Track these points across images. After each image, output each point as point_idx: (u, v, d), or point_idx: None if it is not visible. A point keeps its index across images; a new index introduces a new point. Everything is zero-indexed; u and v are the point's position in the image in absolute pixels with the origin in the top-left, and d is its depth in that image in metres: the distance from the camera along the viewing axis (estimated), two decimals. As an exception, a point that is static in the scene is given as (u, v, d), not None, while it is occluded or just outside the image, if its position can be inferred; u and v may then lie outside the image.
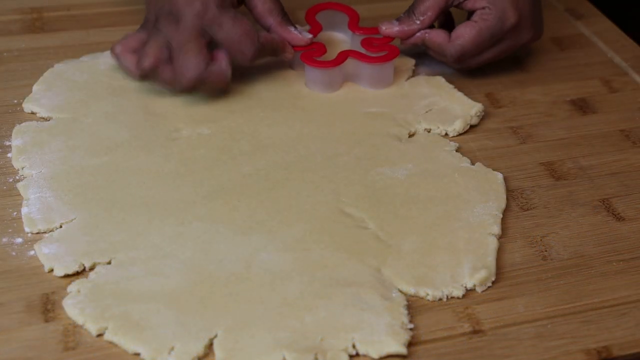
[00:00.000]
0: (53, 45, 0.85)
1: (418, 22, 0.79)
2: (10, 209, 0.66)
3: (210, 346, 0.56)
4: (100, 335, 0.57)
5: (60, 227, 0.64)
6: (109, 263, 0.61)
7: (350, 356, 0.56)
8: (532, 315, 0.60)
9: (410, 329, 0.58)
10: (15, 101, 0.77)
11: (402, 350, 0.56)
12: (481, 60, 0.81)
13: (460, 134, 0.76)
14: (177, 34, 0.73)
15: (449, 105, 0.78)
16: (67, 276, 0.60)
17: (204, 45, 0.73)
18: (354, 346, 0.56)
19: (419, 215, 0.66)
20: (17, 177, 0.69)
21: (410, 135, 0.75)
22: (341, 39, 0.85)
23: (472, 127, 0.77)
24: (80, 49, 0.84)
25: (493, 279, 0.62)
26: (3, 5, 0.90)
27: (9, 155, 0.71)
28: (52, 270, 0.61)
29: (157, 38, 0.74)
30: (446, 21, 0.83)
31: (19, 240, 0.63)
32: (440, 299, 0.61)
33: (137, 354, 0.56)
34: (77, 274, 0.61)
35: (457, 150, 0.74)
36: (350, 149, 0.73)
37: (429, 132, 0.76)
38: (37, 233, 0.64)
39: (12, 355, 0.55)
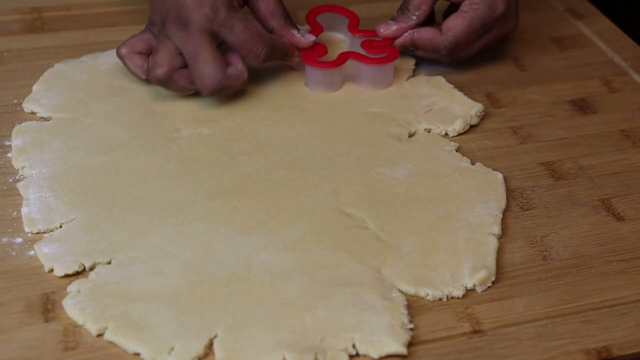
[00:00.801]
0: (53, 45, 0.85)
1: (414, 17, 0.79)
2: (10, 209, 0.66)
3: (210, 346, 0.56)
4: (100, 335, 0.57)
5: (60, 227, 0.64)
6: (109, 263, 0.61)
7: (350, 356, 0.56)
8: (532, 315, 0.60)
9: (410, 329, 0.58)
10: (15, 101, 0.77)
11: (402, 350, 0.56)
12: (471, 50, 0.81)
13: (460, 134, 0.76)
14: (188, 41, 0.72)
15: (449, 105, 0.78)
16: (67, 276, 0.60)
17: (218, 50, 0.73)
18: (354, 346, 0.56)
19: (419, 215, 0.66)
20: (17, 177, 0.69)
21: (410, 135, 0.75)
22: (342, 40, 0.85)
23: (472, 127, 0.77)
24: (80, 49, 0.84)
25: (493, 279, 0.62)
26: (3, 5, 0.90)
27: (9, 155, 0.71)
28: (52, 270, 0.61)
29: (167, 44, 0.74)
30: (429, 17, 0.83)
31: (19, 240, 0.63)
32: (440, 299, 0.61)
33: (137, 354, 0.56)
34: (77, 274, 0.61)
35: (457, 150, 0.74)
36: (350, 149, 0.73)
37: (429, 132, 0.76)
38: (37, 233, 0.64)
39: (12, 355, 0.55)
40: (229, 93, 0.76)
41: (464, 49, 0.80)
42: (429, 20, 0.82)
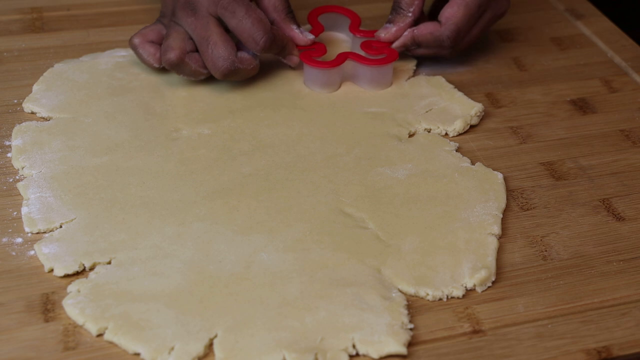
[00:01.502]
0: (53, 45, 0.85)
1: (410, 14, 0.79)
2: (10, 209, 0.66)
3: (210, 346, 0.56)
4: (100, 335, 0.57)
5: (60, 227, 0.64)
6: (109, 263, 0.61)
7: (350, 356, 0.56)
8: (532, 315, 0.60)
9: (410, 329, 0.58)
10: (15, 101, 0.77)
11: (402, 350, 0.56)
12: (471, 38, 0.81)
13: (460, 134, 0.76)
14: (197, 26, 0.74)
15: (449, 105, 0.78)
16: (67, 276, 0.60)
17: (227, 34, 0.74)
18: (354, 346, 0.56)
19: (419, 215, 0.66)
20: (17, 177, 0.69)
21: (410, 135, 0.75)
22: (343, 40, 0.85)
23: (472, 127, 0.77)
24: (80, 49, 0.84)
25: (493, 279, 0.62)
26: (3, 5, 0.90)
27: (9, 155, 0.71)
28: (52, 270, 0.61)
29: (177, 30, 0.75)
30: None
31: (19, 240, 0.63)
32: (440, 299, 0.61)
33: (137, 354, 0.56)
34: (77, 274, 0.61)
35: (457, 150, 0.74)
36: (350, 149, 0.73)
37: (429, 132, 0.76)
38: (37, 233, 0.64)
39: (12, 355, 0.55)
40: (240, 78, 0.77)
41: (465, 36, 0.80)
42: (421, 15, 0.82)
